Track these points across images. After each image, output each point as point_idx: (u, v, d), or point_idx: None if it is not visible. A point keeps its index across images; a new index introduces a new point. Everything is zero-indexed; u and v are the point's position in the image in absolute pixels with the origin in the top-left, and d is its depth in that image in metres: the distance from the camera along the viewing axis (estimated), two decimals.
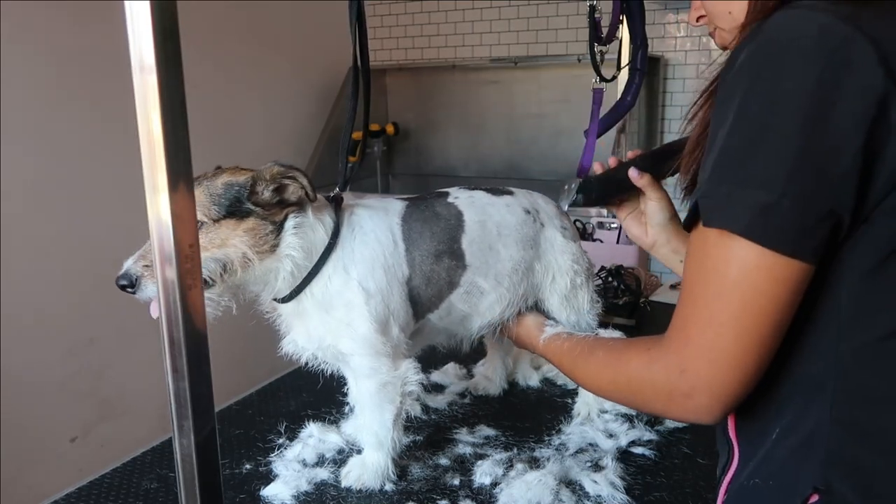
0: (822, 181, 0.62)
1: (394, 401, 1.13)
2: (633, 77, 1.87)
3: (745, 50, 0.67)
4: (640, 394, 0.77)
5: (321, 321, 1.10)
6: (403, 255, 1.13)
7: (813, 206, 0.63)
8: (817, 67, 0.62)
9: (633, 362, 0.78)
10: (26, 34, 2.02)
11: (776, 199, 0.62)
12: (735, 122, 0.65)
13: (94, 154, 2.22)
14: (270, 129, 2.92)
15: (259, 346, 1.30)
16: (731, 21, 0.80)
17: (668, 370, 0.72)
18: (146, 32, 0.56)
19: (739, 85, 0.66)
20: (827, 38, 0.63)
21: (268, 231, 1.04)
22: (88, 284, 2.23)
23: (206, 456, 0.66)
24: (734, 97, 0.66)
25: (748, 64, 0.66)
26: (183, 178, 0.60)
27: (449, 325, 1.22)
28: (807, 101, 0.62)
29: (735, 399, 0.69)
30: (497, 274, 1.19)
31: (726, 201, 0.65)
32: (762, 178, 0.63)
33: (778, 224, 0.63)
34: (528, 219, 1.24)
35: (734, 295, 0.66)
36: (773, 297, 0.65)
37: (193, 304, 0.63)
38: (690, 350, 0.69)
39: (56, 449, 2.17)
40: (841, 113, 0.61)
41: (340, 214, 1.12)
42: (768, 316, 0.65)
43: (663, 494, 1.11)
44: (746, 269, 0.65)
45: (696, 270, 0.70)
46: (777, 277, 0.64)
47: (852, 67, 0.62)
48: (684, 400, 0.71)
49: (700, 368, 0.69)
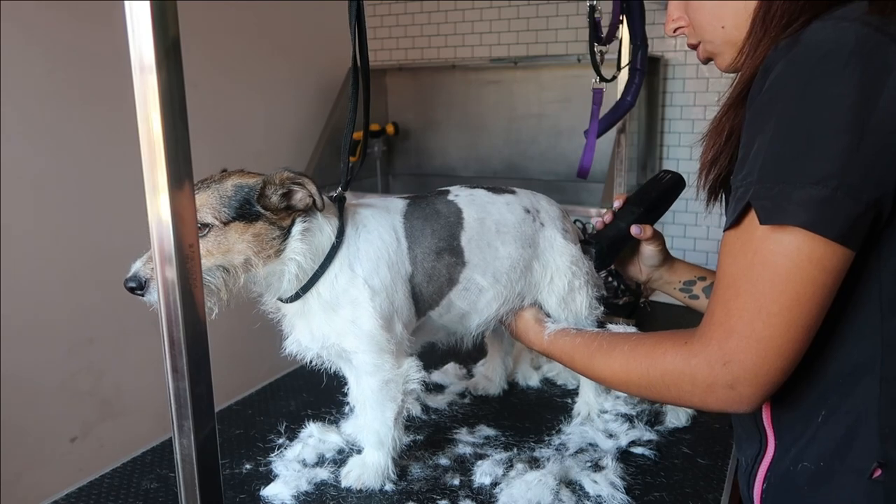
0: (869, 174, 0.67)
1: (395, 399, 1.13)
2: (633, 77, 1.87)
3: (780, 62, 0.71)
4: (676, 387, 0.78)
5: (326, 320, 1.10)
6: (406, 252, 1.14)
7: (862, 197, 0.67)
8: (857, 72, 0.67)
9: (668, 355, 0.79)
10: (26, 34, 2.02)
11: (831, 192, 0.67)
12: (781, 129, 0.69)
13: (95, 154, 2.22)
14: (270, 129, 2.92)
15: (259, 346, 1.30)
16: (723, 35, 0.82)
17: (710, 363, 0.73)
18: (146, 32, 0.56)
19: (780, 93, 0.70)
20: (863, 45, 0.67)
21: (274, 236, 1.05)
22: (88, 284, 2.23)
23: (206, 456, 0.66)
24: (774, 106, 0.70)
25: (788, 72, 0.70)
26: (183, 178, 0.60)
27: (448, 323, 1.22)
28: (851, 103, 0.67)
29: (775, 386, 0.72)
30: (495, 271, 1.19)
31: (781, 200, 0.68)
32: (814, 174, 0.67)
33: (832, 216, 0.67)
34: (528, 218, 1.24)
35: (786, 286, 0.69)
36: (821, 284, 0.69)
37: (193, 304, 0.63)
38: (735, 342, 0.71)
39: (56, 449, 2.17)
40: (882, 111, 0.66)
41: (345, 214, 1.13)
42: (815, 304, 0.69)
43: (663, 494, 1.11)
44: (798, 261, 0.68)
45: (739, 266, 0.72)
46: (826, 266, 0.68)
47: (889, 69, 0.67)
48: (726, 391, 0.73)
49: (746, 359, 0.71)
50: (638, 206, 1.24)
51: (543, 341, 1.11)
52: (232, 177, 1.06)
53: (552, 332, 1.10)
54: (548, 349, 1.10)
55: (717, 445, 1.24)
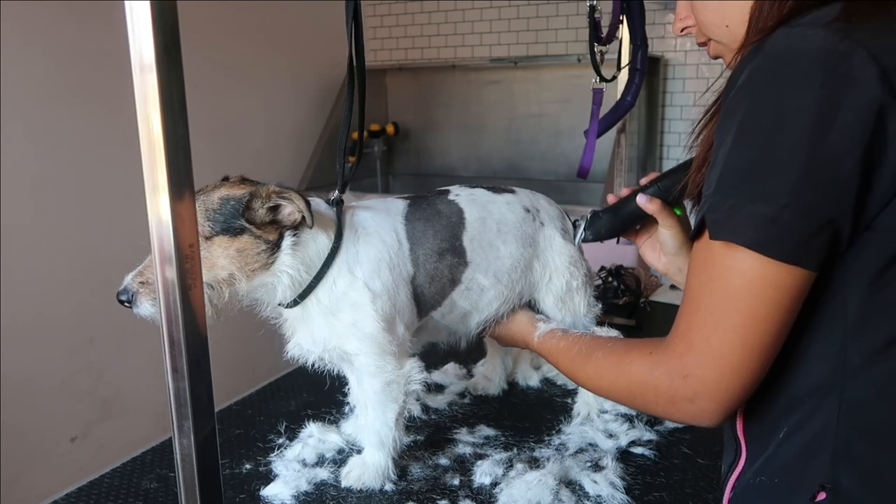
0: (823, 193, 0.64)
1: (397, 399, 1.14)
2: (633, 77, 1.87)
3: (746, 69, 0.69)
4: (642, 397, 0.78)
5: (327, 324, 1.10)
6: (408, 253, 1.14)
7: (814, 216, 0.65)
8: (818, 84, 0.64)
9: (634, 366, 0.79)
10: (26, 34, 2.02)
11: (779, 211, 0.64)
12: (737, 139, 0.67)
13: (95, 154, 2.22)
14: (270, 129, 2.92)
15: (259, 346, 1.30)
16: (729, 34, 0.81)
17: (670, 375, 0.73)
18: (146, 32, 0.56)
19: (741, 103, 0.68)
20: (827, 54, 0.64)
21: (260, 250, 1.03)
22: (88, 284, 2.23)
23: (206, 456, 0.66)
24: (736, 115, 0.68)
25: (749, 82, 0.68)
26: (183, 178, 0.61)
27: (450, 323, 1.22)
28: (808, 117, 0.64)
29: (737, 403, 0.71)
30: (496, 271, 1.20)
31: (731, 215, 0.67)
32: (766, 191, 0.65)
33: (781, 235, 0.65)
34: (528, 217, 1.24)
35: (739, 304, 0.67)
36: (776, 304, 0.67)
37: (193, 304, 0.63)
38: (694, 356, 0.71)
39: (56, 449, 2.18)
40: (841, 127, 0.63)
41: (342, 217, 1.12)
42: (772, 323, 0.68)
43: (663, 494, 1.11)
44: (751, 279, 0.67)
45: (700, 280, 0.71)
46: (780, 285, 0.66)
47: (852, 82, 0.63)
48: (687, 404, 0.72)
49: (704, 374, 0.70)
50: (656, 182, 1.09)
51: (534, 342, 1.12)
52: (222, 188, 1.04)
53: (542, 333, 1.10)
54: (538, 349, 1.11)
55: (717, 445, 1.24)
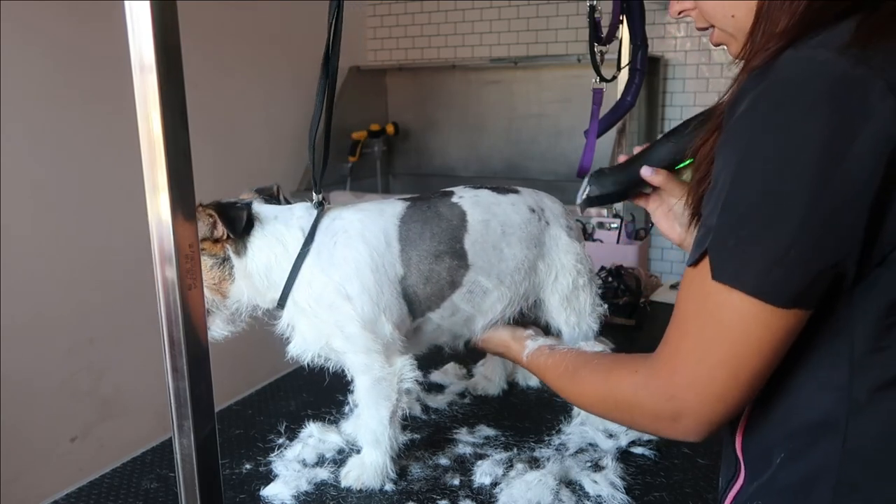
0: (828, 238, 0.61)
1: (389, 397, 1.14)
2: (633, 77, 1.87)
3: (750, 93, 0.64)
4: (628, 413, 0.79)
5: (311, 324, 1.13)
6: (398, 254, 1.14)
7: (818, 261, 0.62)
8: (826, 119, 0.59)
9: (620, 384, 0.79)
10: (26, 34, 2.02)
11: (781, 256, 0.62)
12: (740, 173, 0.64)
13: (95, 154, 2.22)
14: (270, 129, 2.92)
15: (259, 346, 1.30)
16: (735, 24, 0.76)
17: (655, 396, 0.73)
18: (146, 32, 0.56)
19: (744, 133, 0.64)
20: (837, 84, 0.59)
21: (212, 264, 1.11)
22: (88, 284, 2.23)
23: (206, 456, 0.66)
24: (738, 144, 0.64)
25: (753, 111, 0.63)
26: (183, 178, 0.61)
27: (453, 326, 1.22)
28: (815, 155, 0.60)
29: (721, 424, 0.71)
30: (500, 273, 1.19)
31: (733, 258, 0.65)
32: (768, 234, 0.62)
33: (782, 281, 0.63)
34: (533, 217, 1.24)
35: (729, 339, 0.66)
36: (766, 342, 0.65)
37: (193, 304, 0.63)
38: (679, 380, 0.70)
39: (56, 449, 2.18)
40: (851, 168, 0.59)
41: (320, 219, 1.14)
42: (760, 359, 0.66)
43: (663, 494, 1.11)
44: (745, 319, 0.65)
45: (690, 307, 0.70)
46: (775, 327, 0.65)
47: (866, 117, 0.58)
48: (670, 423, 0.72)
49: (688, 398, 0.70)
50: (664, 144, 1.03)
51: (523, 360, 1.11)
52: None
53: (530, 351, 1.09)
54: (527, 367, 1.11)
55: (718, 445, 1.23)
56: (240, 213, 1.11)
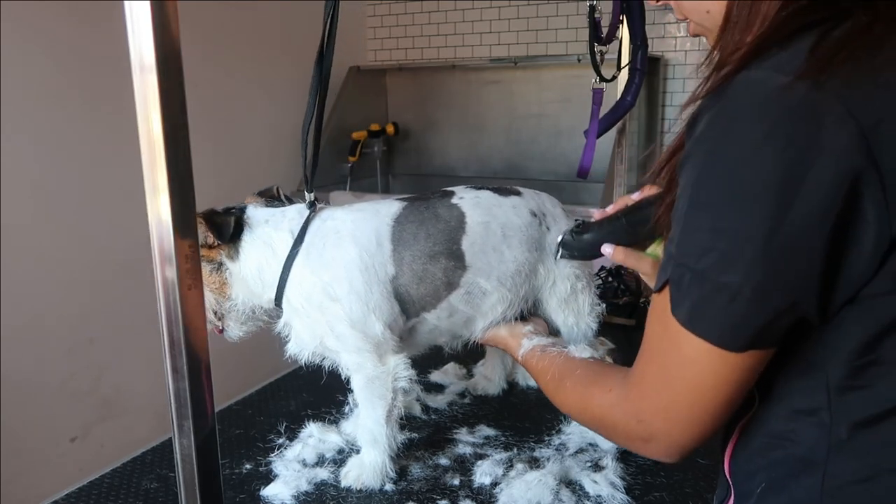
0: (782, 276, 0.58)
1: (384, 396, 1.14)
2: (633, 77, 1.87)
3: (706, 114, 0.61)
4: (603, 429, 0.80)
5: (304, 324, 1.15)
6: (389, 254, 1.15)
7: (773, 302, 0.59)
8: (780, 148, 0.55)
9: (595, 400, 0.80)
10: (26, 34, 2.02)
11: (731, 298, 0.59)
12: (693, 201, 0.61)
13: (95, 154, 2.22)
14: (270, 128, 2.92)
15: (259, 346, 1.30)
16: (710, 20, 0.75)
17: (626, 416, 0.73)
18: (146, 32, 0.56)
19: (698, 157, 0.61)
20: (793, 110, 0.55)
21: (211, 269, 1.16)
22: (88, 284, 2.23)
23: (206, 456, 0.66)
24: (693, 169, 0.61)
25: (706, 135, 0.60)
26: (183, 178, 0.60)
27: (452, 327, 1.22)
28: (767, 188, 0.56)
29: (692, 448, 0.70)
30: (500, 275, 1.19)
31: (688, 296, 0.62)
32: (720, 273, 0.59)
33: (734, 324, 0.60)
34: (535, 221, 1.23)
35: (689, 372, 0.65)
36: (727, 379, 0.63)
37: (193, 304, 0.63)
38: (646, 405, 0.70)
39: (56, 449, 2.17)
40: (806, 198, 0.55)
41: (310, 220, 1.15)
42: (722, 393, 0.64)
43: (663, 494, 1.11)
44: (701, 357, 0.63)
45: (656, 333, 0.69)
46: (732, 365, 0.62)
47: (821, 146, 0.54)
48: (643, 443, 0.72)
49: (655, 422, 0.69)
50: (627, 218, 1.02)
51: (518, 360, 1.13)
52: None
53: (525, 351, 1.10)
54: (522, 365, 1.12)
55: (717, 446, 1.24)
56: (227, 220, 1.14)
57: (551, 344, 1.10)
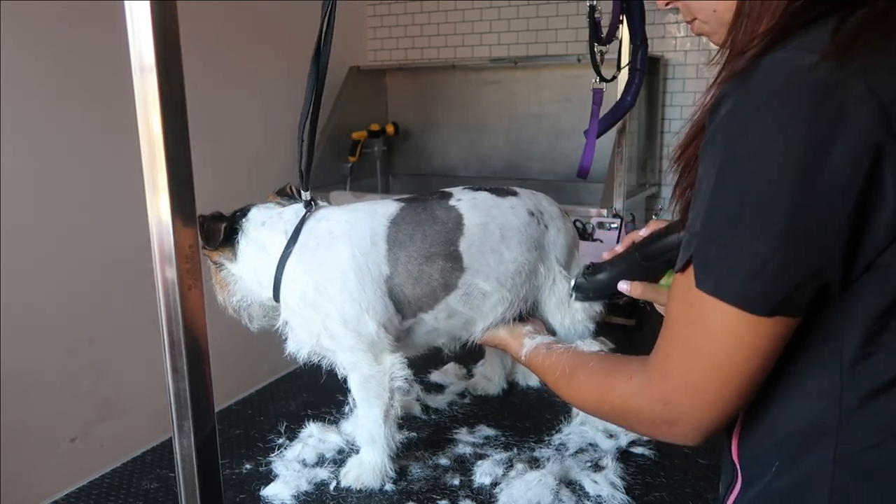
0: (809, 244, 0.61)
1: (380, 396, 1.14)
2: (633, 77, 1.87)
3: (731, 97, 0.63)
4: (625, 418, 0.80)
5: (300, 323, 1.16)
6: (384, 255, 1.15)
7: (800, 269, 0.62)
8: (804, 123, 0.59)
9: (615, 390, 0.80)
10: (26, 34, 2.02)
11: (762, 264, 0.62)
12: (720, 179, 0.64)
13: (95, 154, 2.22)
14: (270, 128, 2.92)
15: (259, 346, 1.31)
16: (717, 18, 0.77)
17: (651, 401, 0.73)
18: (146, 32, 0.56)
19: (723, 138, 0.64)
20: (817, 88, 0.59)
21: (215, 269, 1.22)
22: (88, 284, 2.23)
23: (206, 456, 0.66)
24: (718, 150, 0.64)
25: (732, 115, 0.63)
26: (183, 178, 0.60)
27: (451, 328, 1.22)
28: (793, 161, 0.59)
29: (717, 428, 0.72)
30: (500, 276, 1.19)
31: (715, 266, 0.65)
32: (749, 242, 0.62)
33: (764, 289, 0.63)
34: (533, 220, 1.24)
35: (718, 346, 0.66)
36: (756, 349, 0.65)
37: (193, 304, 0.63)
38: (672, 386, 0.71)
39: (56, 449, 2.17)
40: (830, 173, 0.58)
41: (305, 220, 1.17)
42: (752, 366, 0.66)
43: (663, 494, 1.11)
44: (732, 327, 0.65)
45: (680, 311, 0.70)
46: (761, 334, 0.65)
47: (844, 121, 0.58)
48: (668, 427, 0.73)
49: (682, 403, 0.70)
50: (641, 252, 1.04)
51: (521, 359, 1.12)
52: None
53: (528, 350, 1.10)
54: (526, 365, 1.11)
55: (718, 445, 1.24)
56: (217, 227, 1.17)
57: (556, 342, 1.10)
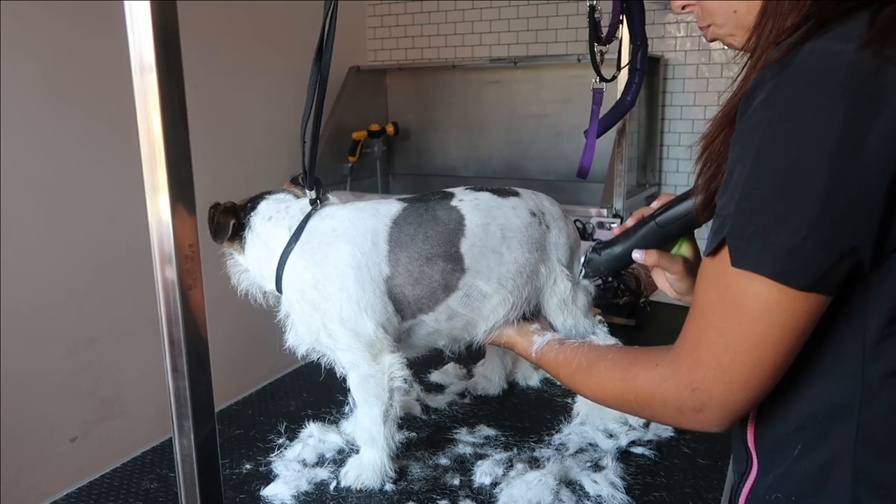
0: (846, 223, 0.63)
1: (379, 395, 1.14)
2: (633, 77, 1.87)
3: (767, 84, 0.66)
4: (650, 408, 0.80)
5: (300, 319, 1.16)
6: (385, 255, 1.15)
7: (836, 246, 0.63)
8: (843, 107, 0.61)
9: (640, 378, 0.80)
10: (26, 34, 2.02)
11: (801, 241, 0.63)
12: (758, 162, 0.65)
13: (95, 154, 2.22)
14: (270, 129, 2.92)
15: (259, 346, 1.31)
16: (735, 20, 0.78)
17: (679, 388, 0.74)
18: (146, 32, 0.56)
19: (762, 122, 0.65)
20: (854, 74, 0.61)
21: (228, 260, 1.26)
22: (88, 284, 2.23)
23: (206, 456, 0.66)
24: (755, 134, 0.66)
25: (772, 101, 0.65)
26: (183, 178, 0.60)
27: (452, 330, 1.22)
28: (832, 143, 0.61)
29: (745, 412, 0.72)
30: (500, 277, 1.19)
31: (753, 244, 0.66)
32: (787, 220, 0.64)
33: (802, 266, 0.64)
34: (534, 221, 1.23)
35: (753, 327, 0.67)
36: (790, 328, 0.67)
37: (193, 304, 0.63)
38: (703, 371, 0.71)
39: (56, 449, 2.17)
40: (867, 155, 0.61)
41: (309, 218, 1.17)
42: (784, 345, 0.67)
43: (663, 494, 1.11)
44: (767, 305, 0.66)
45: (712, 297, 0.71)
46: (796, 311, 0.66)
47: (882, 105, 0.60)
48: (695, 414, 0.73)
49: (712, 388, 0.71)
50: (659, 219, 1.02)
51: (532, 357, 1.12)
52: None
53: (539, 347, 1.09)
54: (537, 362, 1.11)
55: (718, 445, 1.24)
56: (226, 221, 1.19)
57: (566, 337, 1.10)
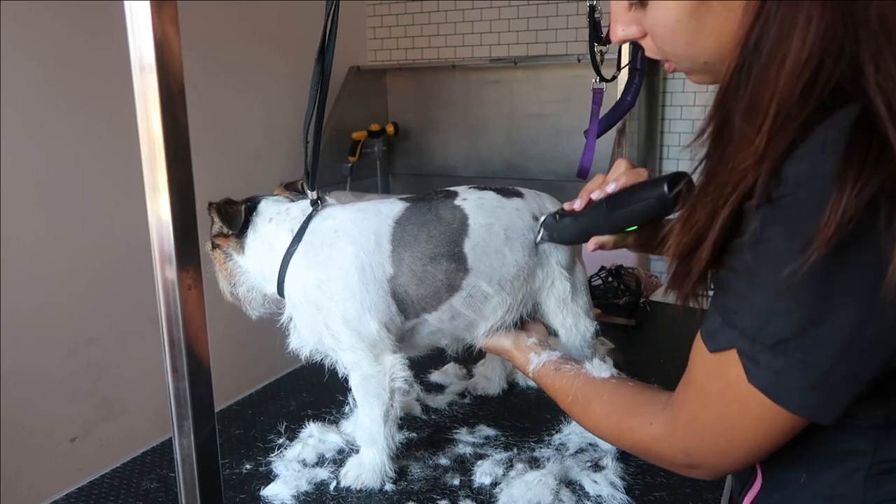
0: (871, 354, 0.59)
1: (380, 396, 1.14)
2: (633, 77, 1.87)
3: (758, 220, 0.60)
4: (644, 456, 0.82)
5: (303, 321, 1.16)
6: (388, 254, 1.14)
7: (864, 377, 0.60)
8: (860, 244, 0.56)
9: (635, 433, 0.81)
10: (26, 34, 2.02)
11: (825, 378, 0.60)
12: (779, 296, 0.60)
13: (94, 154, 2.22)
14: (270, 129, 2.92)
15: (259, 346, 1.31)
16: (704, 67, 0.73)
17: (673, 450, 0.75)
18: (146, 32, 0.56)
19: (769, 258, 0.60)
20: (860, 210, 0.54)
21: (224, 258, 1.22)
22: (88, 284, 2.23)
23: (206, 456, 0.66)
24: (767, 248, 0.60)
25: (773, 239, 0.60)
26: (183, 178, 0.60)
27: (454, 330, 1.22)
28: (855, 288, 0.57)
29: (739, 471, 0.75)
30: (501, 278, 1.18)
31: (770, 370, 0.62)
32: (803, 352, 0.60)
33: (827, 400, 0.61)
34: (536, 225, 1.23)
35: (758, 427, 0.66)
36: (791, 432, 0.66)
37: (193, 304, 0.63)
38: (698, 445, 0.71)
39: (56, 449, 2.18)
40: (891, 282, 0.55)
41: (311, 218, 1.17)
42: (783, 441, 0.67)
43: (663, 494, 1.11)
44: (771, 419, 0.64)
45: (713, 387, 0.68)
46: (802, 423, 0.65)
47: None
48: (688, 470, 0.75)
49: (707, 458, 0.72)
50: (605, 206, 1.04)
51: (529, 375, 1.12)
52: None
53: (535, 367, 1.09)
54: (534, 380, 1.11)
55: None
56: (238, 209, 1.17)
57: (563, 360, 1.08)
